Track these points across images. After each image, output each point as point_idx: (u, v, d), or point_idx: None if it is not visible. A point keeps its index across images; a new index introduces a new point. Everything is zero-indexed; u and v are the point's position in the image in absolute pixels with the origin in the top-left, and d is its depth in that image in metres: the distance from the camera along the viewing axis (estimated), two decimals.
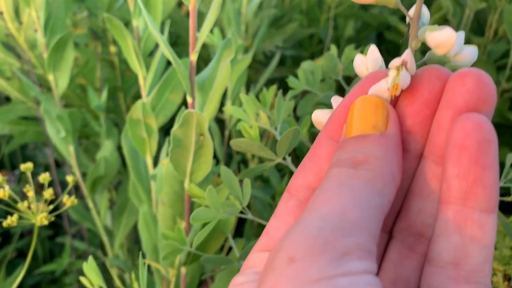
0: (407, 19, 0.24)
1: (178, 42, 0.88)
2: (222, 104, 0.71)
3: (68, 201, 0.41)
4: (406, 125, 0.23)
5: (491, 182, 0.20)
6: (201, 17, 0.39)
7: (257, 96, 0.82)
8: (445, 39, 0.22)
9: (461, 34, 0.24)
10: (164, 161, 0.43)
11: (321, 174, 0.24)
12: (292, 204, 0.25)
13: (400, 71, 0.23)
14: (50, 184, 0.42)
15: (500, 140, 0.79)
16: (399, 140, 0.22)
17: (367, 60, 0.27)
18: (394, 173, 0.21)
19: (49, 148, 0.78)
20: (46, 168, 0.94)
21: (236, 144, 0.35)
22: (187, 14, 1.00)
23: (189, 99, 0.36)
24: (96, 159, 0.71)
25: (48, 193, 0.41)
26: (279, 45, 0.85)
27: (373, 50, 0.27)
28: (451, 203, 0.21)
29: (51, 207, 0.41)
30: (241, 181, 0.36)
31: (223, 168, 0.33)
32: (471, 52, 0.25)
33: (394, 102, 0.24)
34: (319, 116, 0.29)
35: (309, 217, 0.20)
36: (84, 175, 0.71)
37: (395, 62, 0.23)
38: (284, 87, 0.55)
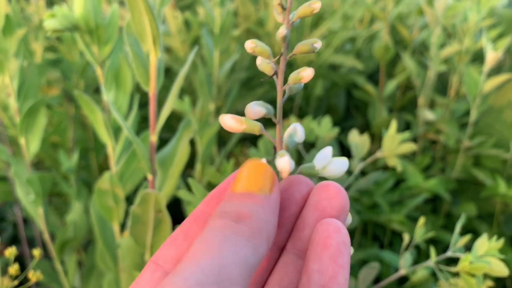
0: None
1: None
2: (192, 165, 0.73)
3: (33, 276, 0.41)
4: (278, 218, 0.26)
5: (343, 280, 0.23)
6: (173, 75, 0.40)
7: (229, 155, 0.83)
8: (282, 166, 0.25)
9: (328, 149, 0.28)
10: (127, 232, 0.44)
11: None
12: (158, 276, 0.25)
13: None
14: (17, 242, 0.42)
15: (465, 195, 0.81)
16: (278, 205, 0.25)
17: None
18: (270, 235, 0.23)
19: (18, 207, 0.78)
20: (14, 225, 0.93)
21: None
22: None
23: (149, 176, 0.37)
24: (65, 220, 0.71)
25: (13, 269, 0.41)
26: None
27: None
28: None
29: (16, 282, 0.42)
30: None
31: None
32: (340, 164, 0.28)
33: None
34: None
35: (189, 268, 0.20)
36: (53, 235, 0.71)
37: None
38: (256, 146, 0.57)
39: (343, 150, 0.93)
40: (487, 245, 0.38)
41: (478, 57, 0.96)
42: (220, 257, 0.21)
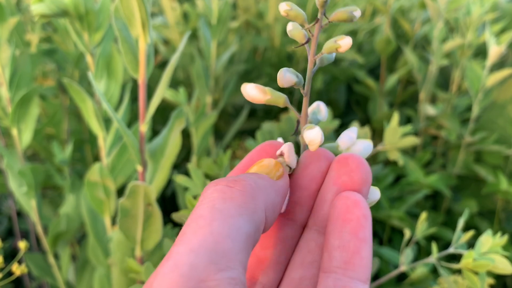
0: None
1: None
2: (188, 158, 0.71)
3: (17, 269, 0.40)
4: (295, 196, 0.25)
5: (366, 254, 0.22)
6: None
7: (226, 149, 0.82)
8: (313, 137, 0.24)
9: (353, 130, 0.26)
10: (117, 226, 0.42)
11: None
12: None
13: (287, 156, 0.25)
14: (12, 235, 0.41)
15: (466, 192, 0.79)
16: (283, 192, 0.24)
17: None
18: (268, 204, 0.22)
19: (12, 200, 0.77)
20: (10, 218, 0.92)
21: (178, 217, 0.34)
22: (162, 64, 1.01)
23: (139, 168, 0.36)
24: (59, 213, 0.70)
25: None
26: None
27: (289, 146, 0.28)
28: (332, 272, 0.22)
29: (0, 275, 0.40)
30: None
31: (166, 242, 0.33)
32: (365, 146, 0.26)
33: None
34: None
35: (180, 251, 0.19)
36: (46, 228, 0.70)
37: (278, 150, 0.25)
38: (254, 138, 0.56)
39: None
40: (491, 241, 0.37)
41: (480, 52, 0.94)
42: (211, 232, 0.19)
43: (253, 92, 0.25)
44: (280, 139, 0.27)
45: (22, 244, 0.43)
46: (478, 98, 0.83)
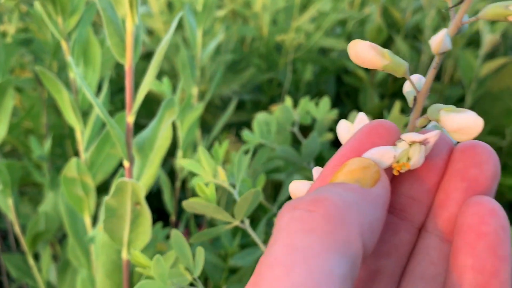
0: (412, 93, 0.21)
1: None
2: (173, 153, 0.68)
3: None
4: (413, 189, 0.20)
5: (507, 276, 0.18)
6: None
7: (213, 142, 0.79)
8: (468, 125, 0.18)
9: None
10: (101, 226, 0.39)
11: None
12: None
13: (416, 149, 0.20)
14: None
15: None
16: (382, 204, 0.19)
17: (355, 128, 0.24)
18: (363, 229, 0.17)
19: None
20: None
21: (189, 205, 0.31)
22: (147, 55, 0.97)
23: (125, 164, 0.32)
24: (38, 211, 0.66)
25: None
26: (236, 90, 0.83)
27: (362, 118, 0.24)
28: None
29: None
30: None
31: (174, 232, 0.30)
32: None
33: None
34: (298, 188, 0.25)
35: None
36: (25, 228, 0.66)
37: (414, 137, 0.19)
38: (248, 131, 0.53)
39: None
40: None
41: (473, 41, 0.92)
42: (291, 283, 0.15)
43: (368, 53, 0.20)
44: (362, 115, 0.22)
45: None
46: (472, 88, 0.81)
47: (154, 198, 0.79)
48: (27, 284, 0.75)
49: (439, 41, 0.19)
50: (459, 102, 0.90)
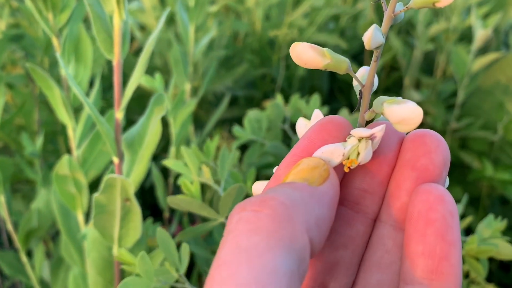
0: (359, 87, 0.21)
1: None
2: (166, 149, 0.68)
3: None
4: (365, 182, 0.21)
5: (457, 259, 0.18)
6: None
7: (205, 140, 0.79)
8: (408, 115, 0.19)
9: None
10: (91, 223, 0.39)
11: None
12: None
13: (364, 145, 0.20)
14: None
15: (451, 178, 0.78)
16: (330, 199, 0.19)
17: (311, 125, 0.24)
18: (309, 226, 0.17)
19: None
20: None
21: (174, 202, 0.31)
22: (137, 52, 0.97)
23: (115, 160, 0.32)
24: (30, 209, 0.66)
25: None
26: (229, 86, 0.83)
27: (317, 114, 0.24)
28: (416, 284, 0.19)
29: None
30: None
31: (159, 230, 0.30)
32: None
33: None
34: (259, 190, 0.25)
35: None
36: (18, 225, 0.66)
37: (362, 132, 0.20)
38: (240, 126, 0.53)
39: None
40: (493, 226, 0.35)
41: (465, 36, 0.93)
42: (236, 283, 0.15)
43: (308, 54, 0.20)
44: (317, 112, 0.23)
45: None
46: (464, 83, 0.81)
47: (147, 194, 0.79)
48: (20, 281, 0.75)
49: (368, 37, 0.20)
50: (451, 97, 0.90)
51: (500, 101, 0.82)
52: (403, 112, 0.19)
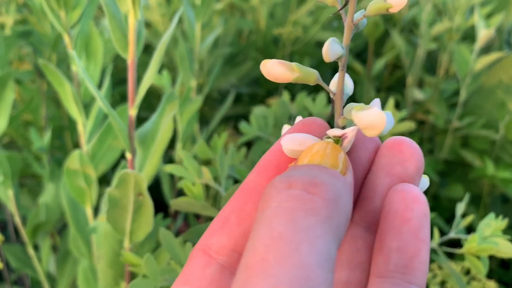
0: (331, 95, 0.23)
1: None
2: (173, 145, 0.69)
3: None
4: None
5: (425, 257, 0.20)
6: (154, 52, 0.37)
7: (211, 135, 0.80)
8: (372, 121, 0.19)
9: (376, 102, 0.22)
10: (103, 217, 0.40)
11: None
12: (214, 271, 0.20)
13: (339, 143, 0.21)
14: None
15: (453, 177, 0.79)
16: (353, 192, 0.20)
17: None
18: (348, 216, 0.18)
19: None
20: None
21: (177, 204, 0.32)
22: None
23: (128, 155, 0.33)
24: (38, 203, 0.67)
25: None
26: (234, 83, 0.84)
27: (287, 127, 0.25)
28: (389, 277, 0.20)
29: None
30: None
31: (162, 231, 0.31)
32: (389, 119, 0.21)
33: None
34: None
35: (262, 285, 0.15)
36: (25, 219, 0.67)
37: (335, 132, 0.21)
38: (246, 123, 0.54)
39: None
40: (494, 225, 0.36)
41: (468, 36, 0.93)
42: (301, 263, 0.15)
43: (277, 69, 0.21)
44: (299, 117, 0.23)
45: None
46: (466, 82, 0.82)
47: (153, 189, 0.80)
48: (27, 275, 0.76)
49: (325, 51, 0.21)
50: (454, 96, 0.91)
51: (502, 100, 0.83)
52: (368, 117, 0.19)
